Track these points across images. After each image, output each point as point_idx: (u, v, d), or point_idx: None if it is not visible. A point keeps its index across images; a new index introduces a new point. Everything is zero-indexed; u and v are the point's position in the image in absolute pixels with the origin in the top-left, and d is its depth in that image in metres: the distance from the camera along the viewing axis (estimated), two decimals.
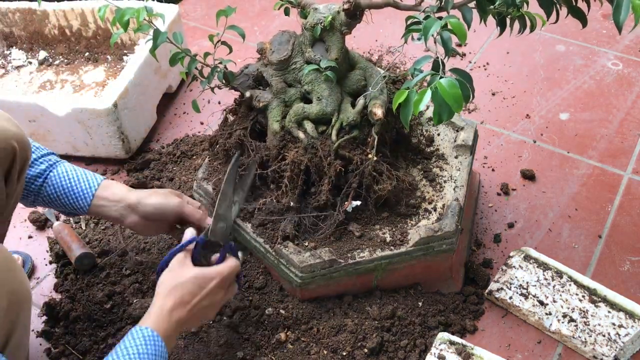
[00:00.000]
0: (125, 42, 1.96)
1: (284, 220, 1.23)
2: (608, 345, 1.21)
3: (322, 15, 1.19)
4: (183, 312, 1.01)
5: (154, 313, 0.99)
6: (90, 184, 1.16)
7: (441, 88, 0.85)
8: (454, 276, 1.33)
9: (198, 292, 1.03)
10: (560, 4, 1.00)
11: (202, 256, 1.09)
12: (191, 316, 1.03)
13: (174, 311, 1.00)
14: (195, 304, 1.02)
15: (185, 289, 1.02)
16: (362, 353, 1.20)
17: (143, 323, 0.98)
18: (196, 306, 1.03)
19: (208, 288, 1.04)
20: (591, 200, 1.56)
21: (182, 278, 1.03)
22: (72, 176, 1.16)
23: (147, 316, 0.99)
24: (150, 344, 0.94)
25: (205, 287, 1.04)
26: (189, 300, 1.02)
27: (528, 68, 1.98)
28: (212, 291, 1.05)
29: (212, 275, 1.05)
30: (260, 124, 1.30)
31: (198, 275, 1.04)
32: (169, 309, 0.99)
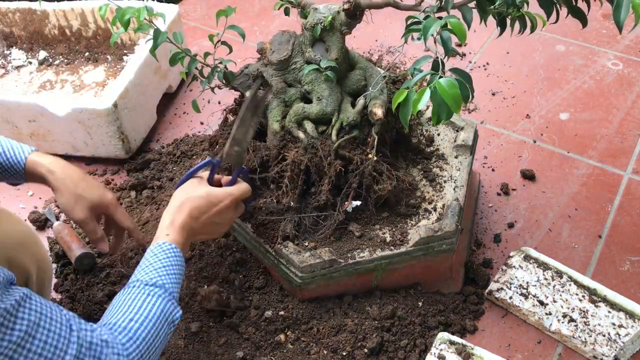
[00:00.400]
0: (125, 42, 1.96)
1: (284, 220, 1.23)
2: (608, 345, 1.21)
3: (322, 15, 1.19)
4: (193, 225, 1.05)
5: (167, 228, 1.03)
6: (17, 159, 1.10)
7: (440, 88, 0.85)
8: (454, 276, 1.33)
9: (207, 210, 1.06)
10: (560, 4, 1.00)
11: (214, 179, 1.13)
12: (200, 229, 1.06)
13: (185, 225, 1.03)
14: (204, 220, 1.06)
15: (194, 205, 1.05)
16: (362, 353, 1.20)
17: (159, 239, 1.02)
18: (205, 222, 1.06)
19: (218, 207, 1.07)
20: (591, 200, 1.56)
21: (194, 194, 1.06)
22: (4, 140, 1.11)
23: (161, 231, 1.03)
24: (172, 255, 0.99)
25: (216, 206, 1.07)
26: (198, 215, 1.05)
27: (528, 68, 1.98)
28: (221, 210, 1.08)
29: (222, 195, 1.08)
30: (260, 124, 1.30)
31: (210, 194, 1.07)
32: (180, 223, 1.03)
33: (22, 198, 1.63)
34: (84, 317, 1.30)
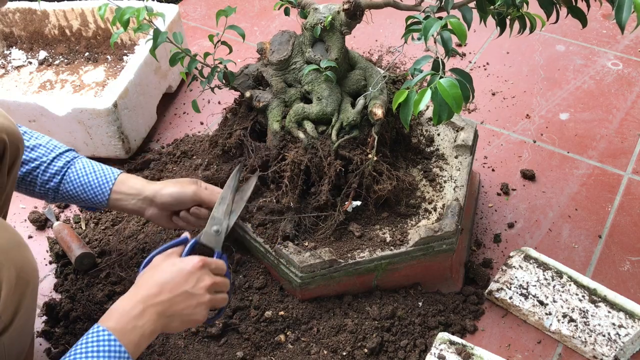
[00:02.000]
0: (125, 42, 1.96)
1: (284, 220, 1.23)
2: (608, 345, 1.21)
3: (322, 15, 1.19)
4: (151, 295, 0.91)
5: (115, 306, 0.91)
6: (107, 179, 1.19)
7: (441, 88, 0.85)
8: (454, 276, 1.33)
9: (170, 280, 0.93)
10: (560, 4, 1.00)
11: None
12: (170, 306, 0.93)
13: (136, 297, 0.91)
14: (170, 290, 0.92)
15: (160, 276, 0.93)
16: (362, 353, 1.20)
17: (102, 319, 0.89)
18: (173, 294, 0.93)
19: (186, 271, 0.94)
20: (591, 200, 1.56)
21: (159, 267, 0.96)
22: (90, 172, 1.19)
23: (108, 311, 0.90)
24: (103, 347, 0.85)
25: (182, 270, 0.94)
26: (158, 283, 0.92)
27: (528, 68, 1.98)
28: (191, 272, 0.95)
29: (192, 259, 0.97)
30: (260, 124, 1.30)
31: (176, 261, 0.95)
32: (132, 297, 0.91)
33: (22, 198, 1.63)
34: (83, 317, 1.30)
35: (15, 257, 0.95)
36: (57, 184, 1.18)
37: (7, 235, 0.97)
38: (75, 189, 1.19)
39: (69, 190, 1.19)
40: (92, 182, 1.18)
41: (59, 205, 1.59)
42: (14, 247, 0.96)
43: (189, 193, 1.18)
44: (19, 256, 0.97)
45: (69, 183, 1.18)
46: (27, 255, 1.00)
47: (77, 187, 1.19)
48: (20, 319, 0.99)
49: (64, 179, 1.18)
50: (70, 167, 1.19)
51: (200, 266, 0.97)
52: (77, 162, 1.20)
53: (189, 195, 1.18)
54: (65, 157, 1.20)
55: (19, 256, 0.97)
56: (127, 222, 1.50)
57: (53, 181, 1.18)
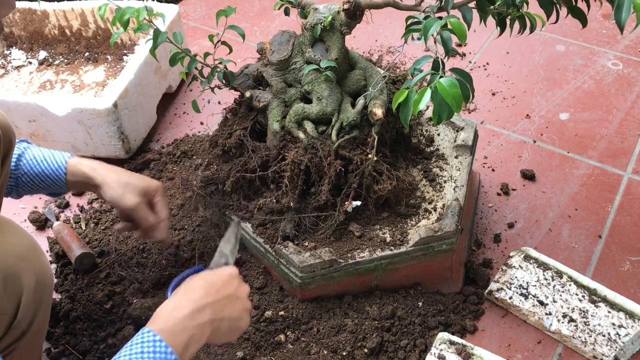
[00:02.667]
0: (125, 42, 1.96)
1: (284, 220, 1.23)
2: (608, 345, 1.21)
3: (322, 15, 1.19)
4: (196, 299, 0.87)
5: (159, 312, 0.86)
6: (59, 165, 1.15)
7: (441, 88, 0.85)
8: (454, 276, 1.33)
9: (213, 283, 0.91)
10: (560, 4, 1.00)
11: None
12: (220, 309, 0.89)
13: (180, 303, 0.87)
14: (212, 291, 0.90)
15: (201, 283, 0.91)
16: (362, 353, 1.20)
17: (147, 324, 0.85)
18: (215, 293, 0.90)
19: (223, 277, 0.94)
20: (591, 200, 1.56)
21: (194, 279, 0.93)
22: (41, 159, 1.15)
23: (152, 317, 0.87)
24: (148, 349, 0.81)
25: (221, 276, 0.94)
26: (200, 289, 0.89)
27: (528, 68, 1.98)
28: (232, 278, 0.94)
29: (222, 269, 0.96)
30: (260, 124, 1.30)
31: (210, 272, 0.95)
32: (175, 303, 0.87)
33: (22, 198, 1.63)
34: (83, 317, 1.30)
35: (34, 263, 0.98)
36: (15, 179, 1.14)
37: (26, 241, 0.99)
38: (32, 181, 1.15)
39: (27, 183, 1.15)
40: (46, 171, 1.15)
41: (59, 205, 1.59)
42: (32, 253, 0.99)
43: (124, 205, 1.14)
44: (37, 262, 0.99)
45: (25, 175, 1.15)
46: (44, 261, 1.02)
47: (33, 178, 1.15)
48: (37, 324, 1.00)
49: (19, 172, 1.14)
50: (22, 159, 1.15)
51: (237, 273, 0.97)
52: (27, 153, 1.16)
53: (122, 206, 1.14)
54: (17, 150, 1.15)
55: (38, 262, 1.00)
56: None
57: (11, 177, 1.13)
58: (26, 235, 1.02)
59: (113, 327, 1.29)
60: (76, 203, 1.60)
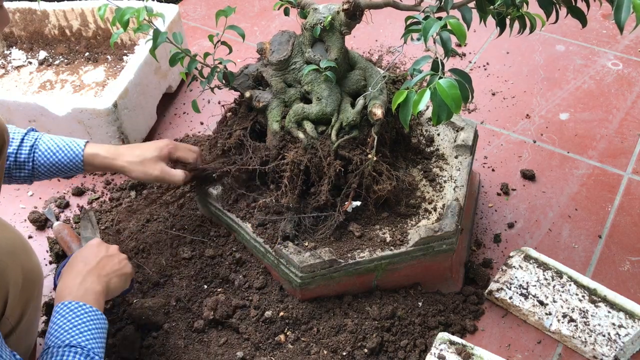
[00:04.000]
0: (125, 42, 1.96)
1: (284, 220, 1.23)
2: (608, 345, 1.21)
3: (321, 15, 1.19)
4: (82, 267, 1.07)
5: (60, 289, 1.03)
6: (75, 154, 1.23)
7: (440, 89, 0.85)
8: (454, 276, 1.33)
9: (85, 253, 1.11)
10: (559, 4, 1.00)
11: None
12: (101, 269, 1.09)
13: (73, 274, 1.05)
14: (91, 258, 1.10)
15: (74, 259, 1.10)
16: (362, 353, 1.20)
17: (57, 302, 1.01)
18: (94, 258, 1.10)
19: (91, 248, 1.13)
20: (591, 200, 1.56)
21: (70, 261, 1.11)
22: (56, 150, 1.22)
23: (56, 297, 1.03)
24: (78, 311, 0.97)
25: (89, 248, 1.13)
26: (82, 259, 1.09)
27: (528, 68, 1.98)
28: (99, 245, 1.14)
29: (89, 243, 1.15)
30: (260, 124, 1.30)
31: (77, 253, 1.12)
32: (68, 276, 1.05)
33: (22, 198, 1.63)
34: None
35: (21, 259, 0.98)
36: (31, 170, 1.21)
37: (12, 237, 0.99)
38: (49, 170, 1.22)
39: (44, 173, 1.22)
40: (63, 161, 1.22)
41: (59, 205, 1.59)
42: (19, 249, 0.99)
43: (151, 177, 1.25)
44: (24, 258, 0.99)
45: (41, 166, 1.21)
46: (32, 257, 1.04)
47: (50, 168, 1.22)
48: (27, 320, 1.00)
49: (35, 163, 1.21)
50: (36, 151, 1.21)
51: (100, 241, 1.16)
52: (40, 144, 1.22)
53: (152, 178, 1.26)
54: (28, 141, 1.21)
55: (25, 258, 1.00)
56: (127, 222, 1.50)
57: (26, 168, 1.20)
58: (13, 232, 1.03)
59: (113, 327, 1.29)
60: (76, 203, 1.60)
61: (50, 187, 1.65)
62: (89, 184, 1.65)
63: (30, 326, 1.04)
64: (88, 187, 1.64)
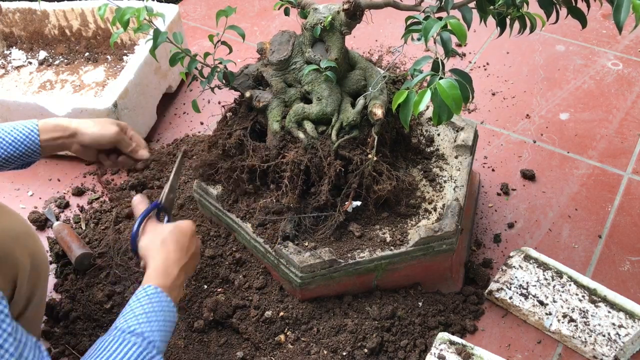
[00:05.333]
0: (125, 42, 1.96)
1: (284, 220, 1.23)
2: (608, 345, 1.21)
3: (322, 15, 1.19)
4: (180, 259, 1.06)
5: (153, 270, 1.02)
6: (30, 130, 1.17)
7: (440, 89, 0.85)
8: (454, 276, 1.33)
9: (182, 240, 1.09)
10: (560, 4, 1.00)
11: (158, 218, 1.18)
12: (187, 261, 1.08)
13: (170, 262, 1.03)
14: (185, 249, 1.08)
15: (171, 241, 1.07)
16: (362, 353, 1.20)
17: (145, 282, 1.00)
18: (188, 252, 1.09)
19: (189, 235, 1.11)
20: (591, 200, 1.56)
21: (163, 234, 1.08)
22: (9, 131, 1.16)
23: (147, 276, 1.02)
24: (155, 300, 0.96)
25: (186, 235, 1.10)
26: (181, 248, 1.08)
27: (528, 68, 1.98)
28: (192, 236, 1.12)
29: (185, 224, 1.12)
30: (260, 124, 1.30)
31: (174, 229, 1.10)
32: (166, 262, 1.03)
33: (22, 198, 1.63)
34: (83, 317, 1.30)
35: (29, 244, 1.01)
36: None
37: (18, 223, 1.02)
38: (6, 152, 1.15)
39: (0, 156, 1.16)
40: (19, 138, 1.17)
41: (59, 205, 1.59)
42: (26, 235, 1.02)
43: (108, 136, 1.21)
44: (32, 244, 1.02)
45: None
46: (39, 243, 1.06)
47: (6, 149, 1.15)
48: (33, 308, 1.02)
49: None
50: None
51: (194, 230, 1.14)
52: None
53: (107, 137, 1.21)
54: None
55: (32, 244, 1.03)
56: (127, 222, 1.50)
57: None
58: (19, 218, 1.04)
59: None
60: (76, 203, 1.60)
61: (50, 187, 1.65)
62: (89, 184, 1.65)
63: (37, 312, 1.07)
64: (88, 187, 1.64)
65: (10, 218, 1.01)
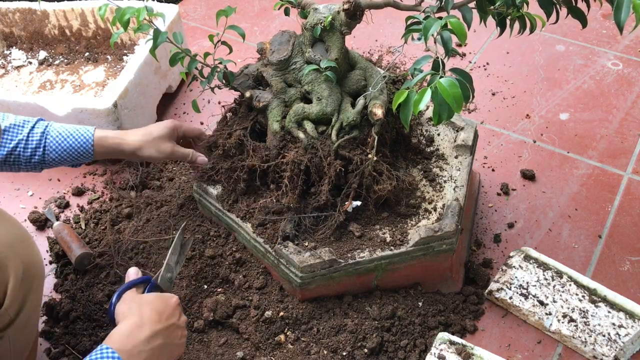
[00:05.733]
0: (125, 42, 1.96)
1: (284, 220, 1.23)
2: (608, 345, 1.21)
3: (322, 15, 1.19)
4: (153, 322, 0.97)
5: (117, 332, 0.94)
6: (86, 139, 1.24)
7: (441, 88, 0.85)
8: (454, 276, 1.33)
9: (162, 307, 1.01)
10: (560, 4, 1.00)
11: None
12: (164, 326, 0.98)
13: (139, 325, 0.95)
14: (165, 317, 1.00)
15: (148, 306, 1.00)
16: (362, 353, 1.20)
17: (104, 342, 0.92)
18: (167, 319, 1.00)
19: (171, 305, 1.03)
20: (591, 200, 1.56)
21: (142, 300, 1.01)
22: (67, 136, 1.23)
23: (109, 336, 0.94)
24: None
25: (168, 304, 1.03)
26: (157, 313, 0.99)
27: (528, 68, 1.98)
28: (175, 307, 1.04)
29: (167, 295, 1.06)
30: (260, 124, 1.30)
31: (155, 297, 1.03)
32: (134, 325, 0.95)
33: (22, 198, 1.63)
34: (83, 317, 1.30)
35: (22, 251, 0.99)
36: (42, 156, 1.22)
37: (14, 230, 1.00)
38: (60, 156, 1.23)
39: (54, 159, 1.23)
40: (74, 145, 1.23)
41: (59, 205, 1.59)
42: (20, 241, 1.00)
43: (164, 154, 1.28)
44: (25, 250, 1.00)
45: (53, 152, 1.22)
46: (34, 250, 1.04)
47: (61, 154, 1.22)
48: (26, 313, 1.00)
49: (46, 149, 1.22)
50: (47, 137, 1.22)
51: (179, 302, 1.07)
52: (51, 131, 1.23)
53: (164, 156, 1.28)
54: (39, 128, 1.22)
55: (26, 250, 1.01)
56: (127, 222, 1.50)
57: (37, 155, 1.21)
58: (15, 224, 1.03)
59: (113, 327, 1.28)
60: (76, 203, 1.60)
61: (50, 187, 1.65)
62: (89, 184, 1.65)
63: (29, 320, 1.04)
64: (88, 187, 1.64)
65: (5, 225, 0.99)
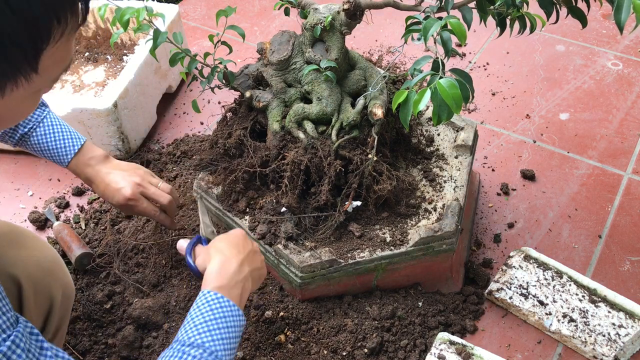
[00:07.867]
0: (125, 42, 1.96)
1: (284, 220, 1.23)
2: (608, 345, 1.21)
3: (322, 15, 1.19)
4: (235, 254, 0.99)
5: (209, 274, 0.95)
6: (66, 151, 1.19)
7: (441, 88, 0.85)
8: (454, 276, 1.33)
9: (234, 240, 1.03)
10: (560, 4, 1.00)
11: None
12: (245, 255, 1.00)
13: (225, 260, 0.97)
14: (241, 246, 1.02)
15: (223, 243, 1.02)
16: (362, 353, 1.20)
17: (203, 287, 0.93)
18: (243, 248, 1.02)
19: (241, 237, 1.05)
20: (591, 200, 1.56)
21: (214, 244, 1.03)
22: (57, 132, 1.19)
23: (204, 281, 0.95)
24: (215, 306, 0.89)
25: (237, 236, 1.05)
26: (233, 245, 1.01)
27: (528, 68, 1.98)
28: (244, 239, 1.05)
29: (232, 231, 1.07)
30: (260, 124, 1.30)
31: (224, 236, 1.05)
32: (220, 261, 0.97)
33: (22, 198, 1.63)
34: (83, 317, 1.30)
35: (60, 275, 1.02)
36: (29, 132, 1.17)
37: (51, 255, 1.04)
38: (40, 147, 1.18)
39: (34, 145, 1.18)
40: (58, 145, 1.19)
41: (59, 205, 1.59)
42: (57, 266, 1.02)
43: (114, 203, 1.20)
44: (61, 274, 1.03)
45: (36, 137, 1.18)
46: (67, 272, 1.06)
47: (42, 146, 1.18)
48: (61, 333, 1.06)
49: (35, 131, 1.18)
50: (40, 123, 1.18)
51: (245, 233, 1.09)
52: (46, 119, 1.19)
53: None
54: (41, 110, 1.19)
55: (62, 274, 1.04)
56: (127, 222, 1.50)
57: (27, 128, 1.17)
58: (51, 249, 1.04)
59: (113, 327, 1.29)
60: (76, 203, 1.60)
61: (50, 187, 1.65)
62: None
63: (62, 338, 1.08)
64: (88, 187, 1.64)
65: (42, 250, 1.00)
